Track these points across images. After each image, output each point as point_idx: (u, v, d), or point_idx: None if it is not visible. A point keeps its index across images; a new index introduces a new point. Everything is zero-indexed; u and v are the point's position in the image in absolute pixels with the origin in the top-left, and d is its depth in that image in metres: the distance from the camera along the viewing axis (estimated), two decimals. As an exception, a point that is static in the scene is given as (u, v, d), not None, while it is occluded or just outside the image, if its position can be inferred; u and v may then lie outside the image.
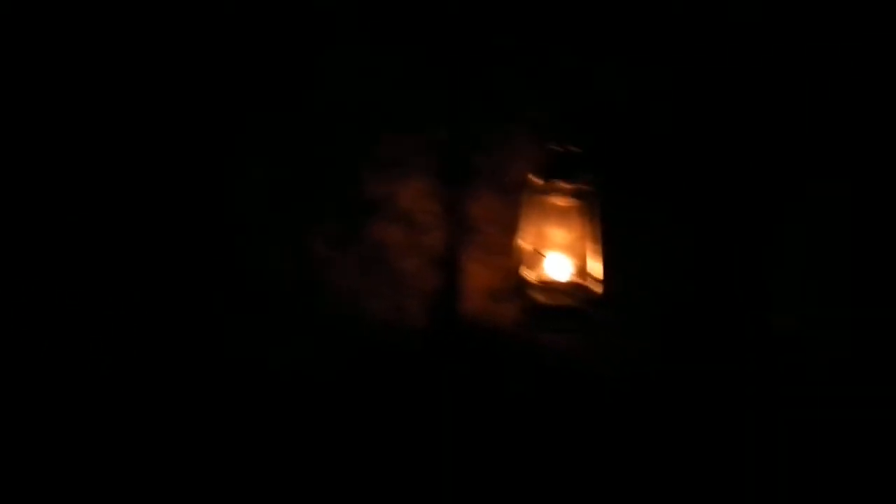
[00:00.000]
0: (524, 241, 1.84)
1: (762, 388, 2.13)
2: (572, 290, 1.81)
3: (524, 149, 2.01)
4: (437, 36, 1.96)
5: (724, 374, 2.09)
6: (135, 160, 1.91)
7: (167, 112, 1.91)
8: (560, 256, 1.83)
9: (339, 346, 1.83)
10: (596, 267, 1.82)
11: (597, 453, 1.96)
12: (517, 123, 2.02)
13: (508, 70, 2.02)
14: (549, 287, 1.82)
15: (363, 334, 1.86)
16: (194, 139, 1.90)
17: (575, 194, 1.84)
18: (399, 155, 1.90)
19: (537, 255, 1.82)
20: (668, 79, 2.14)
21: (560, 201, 1.84)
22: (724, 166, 2.17)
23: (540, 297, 1.82)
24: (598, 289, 1.81)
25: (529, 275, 1.83)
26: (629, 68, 2.10)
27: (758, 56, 2.19)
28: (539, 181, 1.85)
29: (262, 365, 1.82)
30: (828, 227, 2.25)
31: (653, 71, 2.13)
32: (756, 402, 2.11)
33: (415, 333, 1.89)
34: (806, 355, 2.17)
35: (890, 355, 2.25)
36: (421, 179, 1.92)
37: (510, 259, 1.92)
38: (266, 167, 1.83)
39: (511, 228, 1.95)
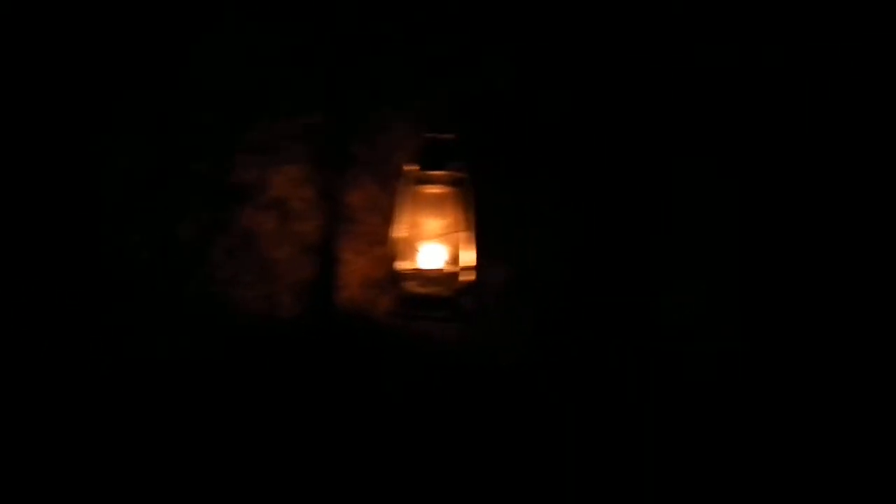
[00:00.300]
0: (399, 231, 1.81)
1: (646, 377, 2.14)
2: (445, 278, 1.79)
3: (405, 137, 1.98)
4: (313, 20, 1.92)
5: (603, 362, 2.10)
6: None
7: (29, 97, 1.84)
8: (434, 245, 1.80)
9: (210, 338, 1.78)
10: (470, 255, 1.80)
11: (469, 442, 1.94)
12: (397, 111, 1.99)
13: (388, 57, 2.00)
14: (423, 276, 1.79)
15: (234, 325, 1.81)
16: (58, 124, 1.83)
17: (449, 182, 1.82)
18: (272, 140, 1.86)
19: (412, 245, 1.79)
20: (554, 67, 2.14)
21: (434, 189, 1.82)
22: (608, 154, 2.18)
23: (413, 287, 1.79)
24: (472, 277, 1.79)
25: (403, 264, 1.80)
26: (513, 56, 2.09)
27: (641, 46, 2.20)
28: (413, 169, 1.82)
29: (130, 355, 1.75)
30: (713, 214, 2.28)
31: (538, 59, 2.12)
32: (640, 391, 2.12)
33: (287, 324, 1.85)
34: (692, 343, 2.19)
35: (775, 341, 2.28)
36: (295, 166, 1.88)
37: (387, 249, 1.89)
38: (133, 153, 1.76)
39: (390, 217, 1.93)
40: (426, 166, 1.81)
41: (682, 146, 2.24)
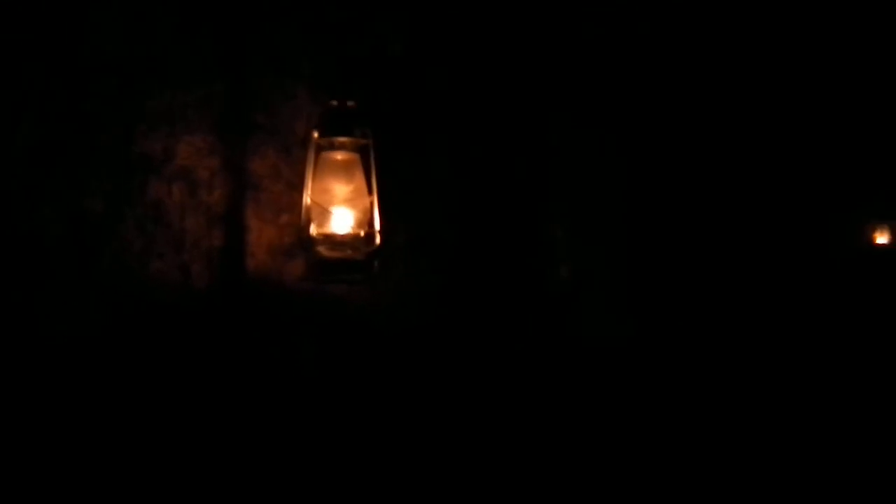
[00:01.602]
0: (308, 197, 1.86)
1: (539, 341, 2.28)
2: (354, 242, 1.85)
3: (304, 104, 2.02)
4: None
5: (500, 324, 2.23)
6: None
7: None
8: (343, 210, 1.86)
9: (122, 309, 1.79)
10: (375, 219, 1.87)
11: (380, 404, 2.04)
12: (296, 79, 2.03)
13: (285, 25, 2.02)
14: (333, 240, 1.85)
15: (146, 295, 1.83)
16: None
17: (353, 148, 1.88)
18: (176, 110, 1.87)
19: (321, 210, 1.85)
20: (444, 35, 2.22)
21: (340, 156, 1.88)
22: (498, 120, 2.28)
23: (324, 251, 1.85)
24: (378, 240, 1.86)
25: (314, 230, 1.86)
26: (403, 24, 2.15)
27: (531, 14, 2.31)
28: (319, 136, 1.87)
29: (42, 331, 1.75)
30: (602, 180, 2.43)
31: (429, 26, 2.19)
32: (533, 355, 2.26)
33: (199, 293, 1.88)
34: (581, 307, 2.34)
35: (662, 312, 2.47)
36: (200, 135, 1.90)
37: (297, 215, 1.94)
38: (33, 124, 1.73)
39: (295, 184, 1.98)
40: (330, 133, 1.86)
41: (570, 116, 2.37)
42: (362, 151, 1.88)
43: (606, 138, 2.44)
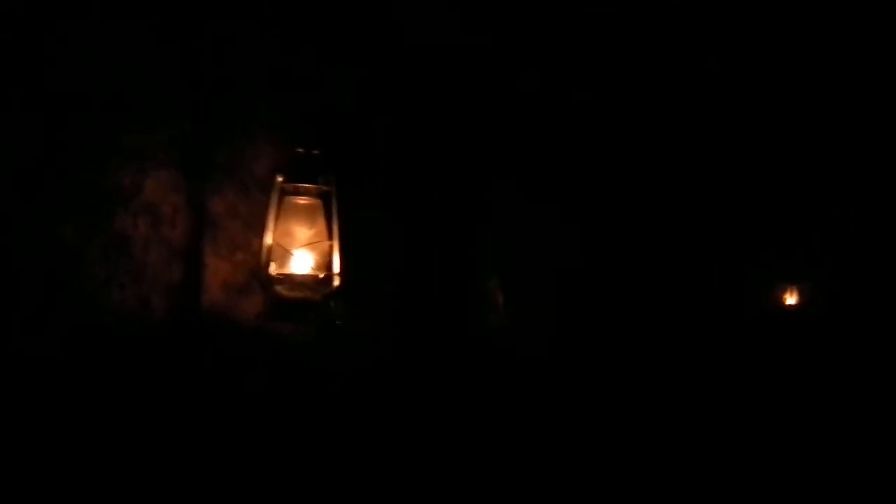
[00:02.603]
0: (270, 238, 1.96)
1: (474, 379, 2.43)
2: (314, 283, 1.96)
3: (265, 148, 2.12)
4: (182, 29, 2.01)
5: (440, 367, 2.37)
6: None
7: None
8: (303, 252, 1.96)
9: (84, 335, 1.83)
10: (335, 261, 1.98)
11: (331, 441, 2.13)
12: (257, 123, 2.12)
13: (249, 72, 2.12)
14: (292, 281, 1.95)
15: (107, 324, 1.87)
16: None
17: (316, 194, 1.99)
18: (147, 146, 1.93)
19: (283, 252, 1.95)
20: (389, 90, 2.37)
21: (303, 200, 1.98)
22: (438, 175, 2.44)
23: (282, 291, 1.95)
24: (337, 282, 1.97)
25: (274, 270, 1.95)
26: (355, 77, 2.28)
27: (462, 74, 2.49)
28: (284, 181, 1.97)
29: (8, 353, 1.76)
30: (529, 228, 2.61)
31: (376, 80, 2.34)
32: (469, 392, 2.40)
33: (157, 324, 1.94)
34: (512, 351, 2.51)
35: (585, 352, 2.66)
36: (166, 172, 1.96)
37: (251, 254, 2.03)
38: (11, 151, 1.76)
39: (251, 224, 2.07)
40: (295, 178, 1.97)
41: (501, 165, 2.55)
42: (324, 198, 1.99)
43: (537, 196, 2.63)
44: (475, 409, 2.41)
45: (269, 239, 1.95)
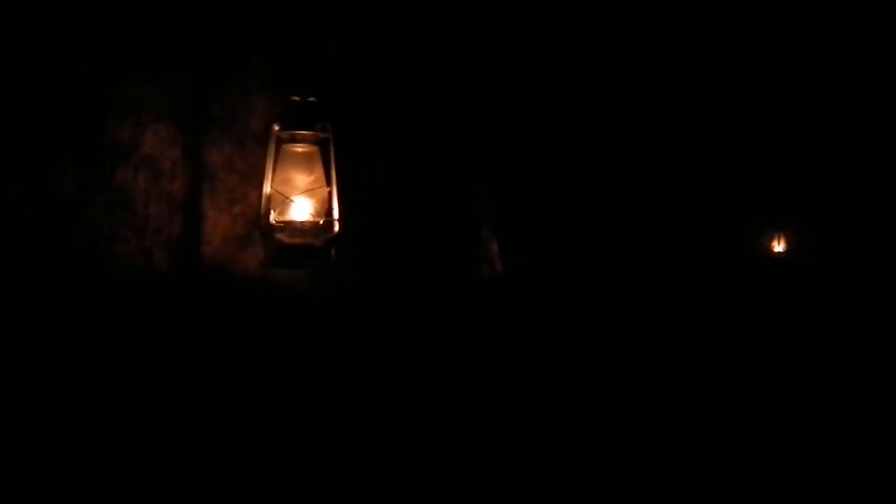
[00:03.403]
0: (270, 187, 1.97)
1: (466, 328, 2.46)
2: (314, 229, 1.98)
3: (258, 100, 2.13)
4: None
5: (429, 309, 2.39)
6: None
7: None
8: (303, 199, 1.98)
9: (88, 289, 1.85)
10: (334, 208, 2.01)
11: (316, 380, 2.16)
12: (250, 75, 2.13)
13: (239, 23, 2.13)
14: (293, 228, 1.97)
15: (111, 277, 1.89)
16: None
17: (313, 141, 2.01)
18: (144, 100, 1.94)
19: (282, 199, 1.97)
20: (380, 38, 2.38)
21: (300, 148, 2.00)
22: (431, 122, 2.46)
23: (284, 238, 1.97)
24: (337, 227, 2.00)
25: (275, 218, 1.97)
26: (346, 26, 2.30)
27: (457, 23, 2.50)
28: (280, 130, 1.99)
29: (10, 307, 1.77)
30: (520, 181, 2.63)
31: (367, 29, 2.35)
32: (460, 329, 2.43)
33: (160, 277, 1.96)
34: (505, 299, 2.54)
35: (576, 300, 2.69)
36: (164, 126, 1.97)
37: (249, 207, 2.05)
38: (9, 106, 1.76)
39: (248, 177, 2.08)
40: (292, 126, 1.99)
41: (489, 119, 2.57)
42: (322, 145, 2.01)
43: (525, 144, 2.65)
44: (466, 358, 2.44)
45: (267, 187, 1.96)
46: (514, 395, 2.51)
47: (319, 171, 1.99)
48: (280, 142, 1.98)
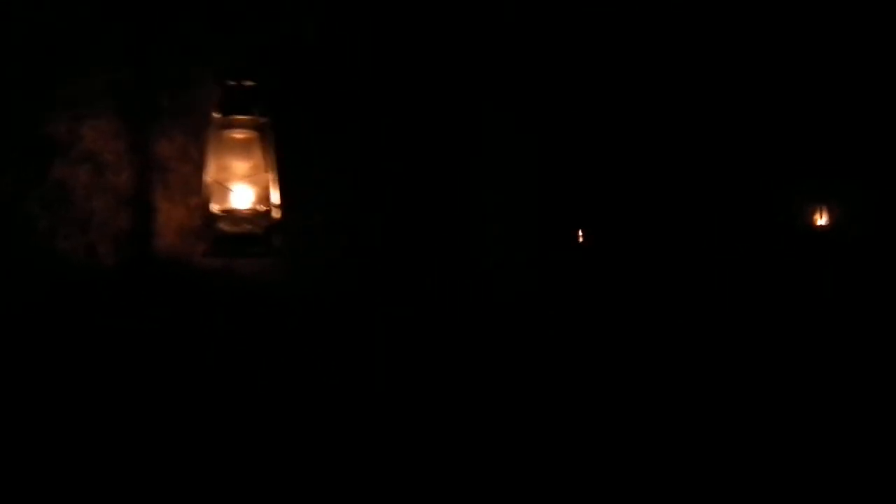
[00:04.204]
0: (210, 176, 1.92)
1: (455, 306, 2.34)
2: (255, 217, 1.91)
3: (211, 88, 2.08)
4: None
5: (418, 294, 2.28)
6: None
7: None
8: (243, 187, 1.92)
9: (28, 286, 1.85)
10: (275, 195, 1.93)
11: (283, 370, 2.10)
12: (205, 64, 2.09)
13: (194, 11, 2.09)
14: (233, 216, 1.91)
15: (52, 274, 1.88)
16: None
17: (252, 126, 1.94)
18: (82, 95, 1.93)
19: (222, 188, 1.91)
20: (357, 22, 2.29)
21: (239, 134, 1.94)
22: (407, 109, 2.35)
23: (224, 227, 1.91)
24: (278, 215, 1.92)
25: (215, 207, 1.92)
26: (317, 11, 2.21)
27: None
28: (218, 116, 1.93)
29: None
30: (517, 173, 2.49)
31: (342, 15, 2.26)
32: (449, 317, 2.31)
33: (106, 272, 1.94)
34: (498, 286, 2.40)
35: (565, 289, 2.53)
36: (105, 120, 1.95)
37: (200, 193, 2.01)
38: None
39: (202, 166, 2.04)
40: (228, 111, 1.93)
41: (483, 103, 2.43)
42: (262, 130, 1.94)
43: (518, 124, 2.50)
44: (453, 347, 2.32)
45: (207, 176, 1.91)
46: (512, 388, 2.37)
47: (259, 157, 1.92)
48: (218, 128, 1.92)
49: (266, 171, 1.93)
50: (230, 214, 1.91)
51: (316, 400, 2.11)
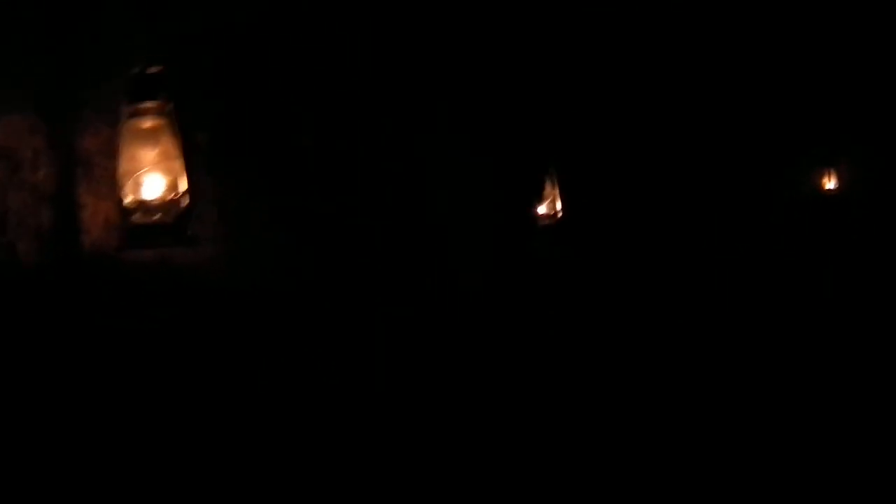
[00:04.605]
0: (121, 167, 1.87)
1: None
2: (165, 206, 1.85)
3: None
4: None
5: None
6: None
7: None
8: (153, 176, 1.86)
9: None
10: (183, 182, 1.86)
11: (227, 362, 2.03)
12: (127, 52, 2.03)
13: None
14: (146, 207, 1.85)
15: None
16: None
17: (160, 113, 1.87)
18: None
19: (131, 178, 1.85)
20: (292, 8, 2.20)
21: (146, 122, 1.88)
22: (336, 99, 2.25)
23: (137, 218, 1.85)
24: (185, 202, 1.85)
25: (128, 199, 1.86)
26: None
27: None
28: (126, 105, 1.88)
29: None
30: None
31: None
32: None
33: (27, 271, 1.90)
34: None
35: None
36: (20, 116, 1.91)
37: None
38: None
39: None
40: (135, 99, 1.87)
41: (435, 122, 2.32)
42: (167, 116, 1.87)
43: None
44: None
45: (120, 168, 1.86)
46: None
47: (168, 144, 1.85)
48: (128, 118, 1.86)
49: (174, 159, 1.85)
50: (142, 205, 1.85)
51: (256, 394, 2.03)
